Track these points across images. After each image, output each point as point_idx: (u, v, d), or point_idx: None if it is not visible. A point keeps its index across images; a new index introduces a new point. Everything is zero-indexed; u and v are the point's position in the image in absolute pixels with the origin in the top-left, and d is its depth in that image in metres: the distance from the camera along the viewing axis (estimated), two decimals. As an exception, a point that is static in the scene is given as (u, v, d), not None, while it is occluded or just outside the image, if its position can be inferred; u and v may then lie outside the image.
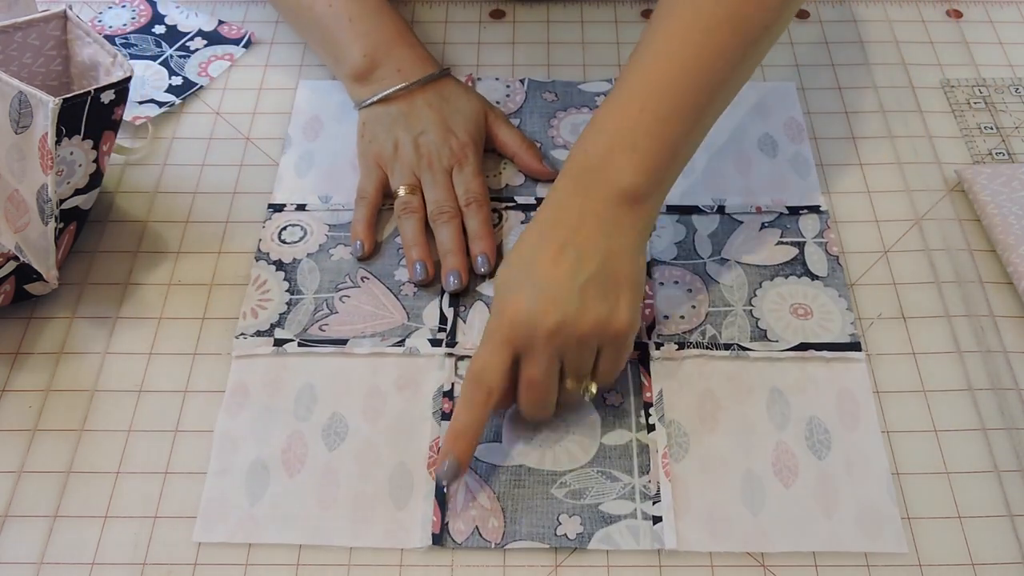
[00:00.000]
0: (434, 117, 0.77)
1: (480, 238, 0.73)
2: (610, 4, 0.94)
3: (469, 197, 0.75)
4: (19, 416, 0.66)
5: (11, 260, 0.66)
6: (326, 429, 0.65)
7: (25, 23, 0.71)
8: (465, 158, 0.76)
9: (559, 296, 0.59)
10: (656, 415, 0.65)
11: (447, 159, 0.76)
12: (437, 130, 0.77)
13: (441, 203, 0.74)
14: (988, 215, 0.75)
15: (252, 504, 0.62)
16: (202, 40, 0.91)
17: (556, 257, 0.61)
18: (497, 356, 0.60)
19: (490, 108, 0.81)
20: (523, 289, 0.60)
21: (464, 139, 0.77)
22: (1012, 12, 0.93)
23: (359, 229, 0.74)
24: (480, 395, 0.60)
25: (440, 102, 0.78)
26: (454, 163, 0.76)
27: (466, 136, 0.77)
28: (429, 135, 0.76)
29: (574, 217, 0.62)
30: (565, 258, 0.61)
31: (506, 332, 0.60)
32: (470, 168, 0.76)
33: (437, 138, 0.76)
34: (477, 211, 0.74)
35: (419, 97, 0.78)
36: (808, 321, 0.70)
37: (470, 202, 0.74)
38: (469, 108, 0.79)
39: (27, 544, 0.61)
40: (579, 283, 0.60)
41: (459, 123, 0.78)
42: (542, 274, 0.60)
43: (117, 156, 0.80)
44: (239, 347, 0.69)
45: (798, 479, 0.63)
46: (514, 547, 0.60)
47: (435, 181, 0.75)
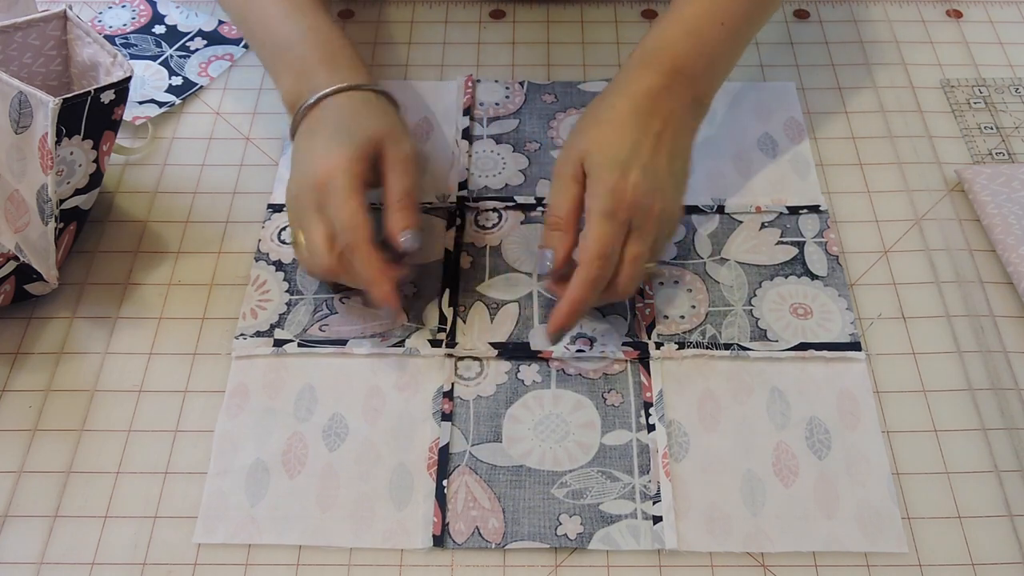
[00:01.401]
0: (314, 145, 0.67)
1: (372, 284, 0.64)
2: (610, 4, 0.94)
3: (342, 239, 0.64)
4: (19, 416, 0.66)
5: (11, 260, 0.66)
6: (326, 430, 0.65)
7: (25, 23, 0.71)
8: (328, 185, 0.64)
9: (664, 186, 0.66)
10: (656, 415, 0.65)
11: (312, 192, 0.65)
12: (310, 158, 0.67)
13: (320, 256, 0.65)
14: (988, 215, 0.75)
15: (252, 505, 0.62)
16: (202, 40, 0.91)
17: (656, 147, 0.66)
18: (618, 236, 0.64)
19: (393, 142, 0.68)
20: (635, 171, 0.65)
21: (332, 163, 0.65)
22: (1012, 12, 0.93)
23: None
24: (605, 272, 0.64)
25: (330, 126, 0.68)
26: (320, 194, 0.65)
27: (335, 159, 0.65)
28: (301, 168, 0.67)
29: (665, 113, 0.68)
30: (663, 150, 0.67)
31: (626, 213, 0.64)
32: (337, 198, 0.64)
33: (307, 168, 0.66)
34: (354, 252, 0.64)
35: (316, 124, 0.69)
36: (808, 321, 0.70)
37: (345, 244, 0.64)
38: (356, 130, 0.67)
39: (27, 544, 0.61)
40: (675, 178, 0.68)
41: (334, 145, 0.66)
42: (647, 161, 0.65)
43: (117, 156, 0.80)
44: (239, 348, 0.69)
45: (798, 479, 0.63)
46: (514, 547, 0.60)
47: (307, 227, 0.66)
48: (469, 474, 0.63)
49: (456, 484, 0.63)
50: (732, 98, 0.85)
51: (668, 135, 0.67)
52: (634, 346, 0.69)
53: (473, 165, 0.80)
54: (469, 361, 0.69)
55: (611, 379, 0.67)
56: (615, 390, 0.67)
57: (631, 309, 0.71)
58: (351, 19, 0.93)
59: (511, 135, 0.82)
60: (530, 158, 0.81)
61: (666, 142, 0.67)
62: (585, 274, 0.63)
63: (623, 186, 0.64)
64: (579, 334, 0.69)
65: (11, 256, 0.66)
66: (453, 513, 0.62)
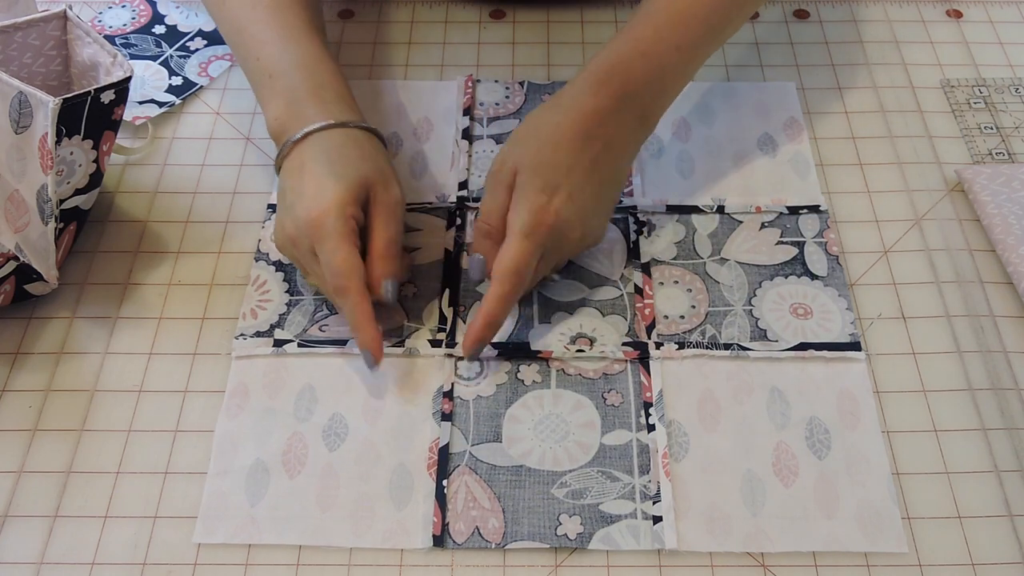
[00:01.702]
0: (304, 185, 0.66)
1: (356, 328, 0.64)
2: (610, 4, 0.94)
3: (332, 283, 0.64)
4: (19, 416, 0.66)
5: (11, 260, 0.66)
6: (326, 430, 0.65)
7: (25, 23, 0.71)
8: (322, 229, 0.64)
9: (588, 214, 0.68)
10: (656, 415, 0.65)
11: (306, 237, 0.65)
12: (300, 200, 0.66)
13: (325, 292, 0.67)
14: (988, 215, 0.75)
15: (252, 505, 0.62)
16: (202, 40, 0.91)
17: (590, 173, 0.67)
18: (534, 256, 0.65)
19: (382, 186, 0.67)
20: (560, 196, 0.66)
21: (324, 206, 0.64)
22: (1012, 12, 0.93)
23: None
24: (518, 289, 0.65)
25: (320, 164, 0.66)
26: (313, 238, 0.64)
27: (326, 202, 0.64)
28: (293, 209, 0.66)
29: (606, 135, 0.68)
30: (596, 176, 0.68)
31: (543, 236, 0.65)
32: (329, 243, 0.64)
33: (299, 211, 0.65)
34: (343, 299, 0.64)
35: (305, 160, 0.67)
36: (808, 321, 0.70)
37: (335, 289, 0.64)
38: (347, 172, 0.66)
39: (27, 544, 0.61)
40: (603, 203, 0.70)
41: (326, 188, 0.65)
42: (577, 187, 0.66)
43: (117, 156, 0.80)
44: (239, 348, 0.69)
45: (798, 479, 0.63)
46: (514, 547, 0.60)
47: (307, 271, 0.68)
48: (469, 474, 0.63)
49: (456, 484, 0.63)
50: (732, 98, 0.85)
51: (606, 159, 0.68)
52: (634, 346, 0.69)
53: (473, 165, 0.80)
54: (469, 361, 0.69)
55: (611, 379, 0.67)
56: (615, 390, 0.67)
57: (631, 309, 0.71)
58: (351, 19, 0.93)
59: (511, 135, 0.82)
60: (530, 158, 0.81)
61: (601, 167, 0.68)
62: (498, 290, 0.64)
63: (547, 210, 0.65)
64: (579, 334, 0.69)
65: (11, 256, 0.66)
66: (453, 513, 0.62)
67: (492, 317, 0.65)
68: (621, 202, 0.76)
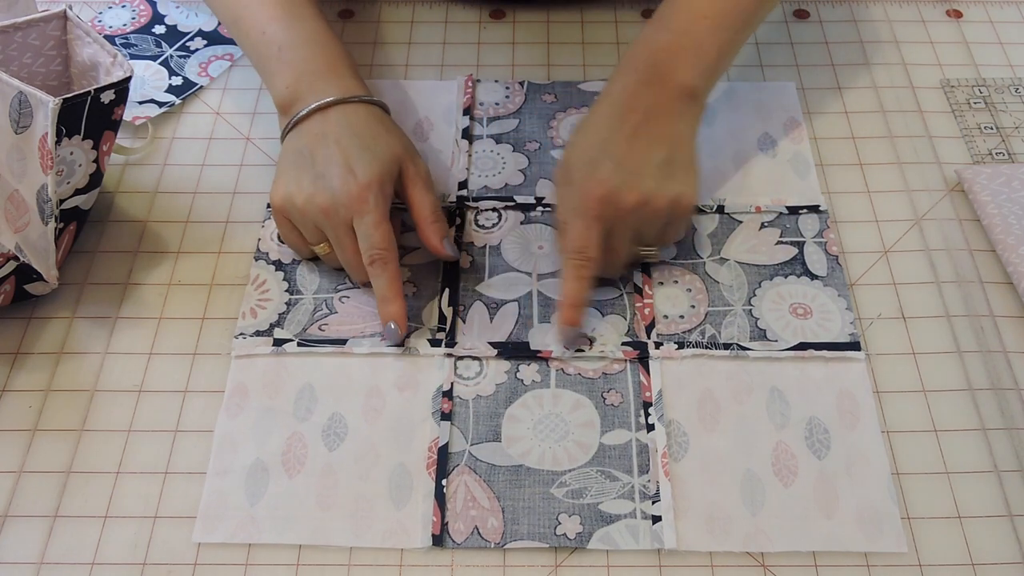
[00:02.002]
0: (337, 156, 0.68)
1: (386, 301, 0.67)
2: (610, 4, 0.94)
3: (372, 255, 0.67)
4: (19, 416, 0.66)
5: (11, 260, 0.66)
6: (326, 429, 0.65)
7: (25, 23, 0.71)
8: (365, 204, 0.67)
9: (640, 176, 0.67)
10: (656, 415, 0.65)
11: (345, 208, 0.67)
12: (337, 173, 0.68)
13: (349, 262, 0.69)
14: (988, 215, 0.75)
15: (252, 505, 0.62)
16: (202, 40, 0.91)
17: (631, 140, 0.68)
18: (593, 231, 0.66)
19: (411, 161, 0.71)
20: (605, 167, 0.67)
21: (364, 181, 0.67)
22: (1012, 12, 0.93)
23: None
24: (586, 268, 0.67)
25: (350, 137, 0.69)
26: (352, 213, 0.67)
27: (367, 178, 0.67)
28: (328, 179, 0.68)
29: (643, 106, 0.69)
30: (639, 142, 0.68)
31: (596, 209, 0.66)
32: (371, 217, 0.67)
33: (336, 183, 0.67)
34: (381, 270, 0.67)
35: (331, 127, 0.70)
36: (807, 321, 0.70)
37: (373, 260, 0.67)
38: (381, 149, 0.69)
39: (27, 544, 0.61)
40: (655, 164, 0.68)
41: (364, 164, 0.68)
42: (621, 155, 0.68)
43: (117, 156, 0.80)
44: (238, 347, 0.69)
45: (798, 479, 0.63)
46: (513, 547, 0.60)
47: (338, 241, 0.69)
48: (468, 473, 0.63)
49: (455, 484, 0.63)
50: (732, 98, 0.85)
51: (647, 126, 0.69)
52: (634, 346, 0.69)
53: (473, 165, 0.80)
54: (468, 361, 0.69)
55: (610, 379, 0.67)
56: (614, 390, 0.67)
57: (631, 308, 0.71)
58: (351, 19, 0.93)
59: (511, 135, 0.83)
60: (530, 158, 0.81)
61: (644, 133, 0.69)
62: (568, 269, 0.67)
63: (591, 183, 0.67)
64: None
65: (11, 256, 0.66)
66: (452, 512, 0.62)
67: (570, 298, 0.67)
68: None
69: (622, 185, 0.67)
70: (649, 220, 0.68)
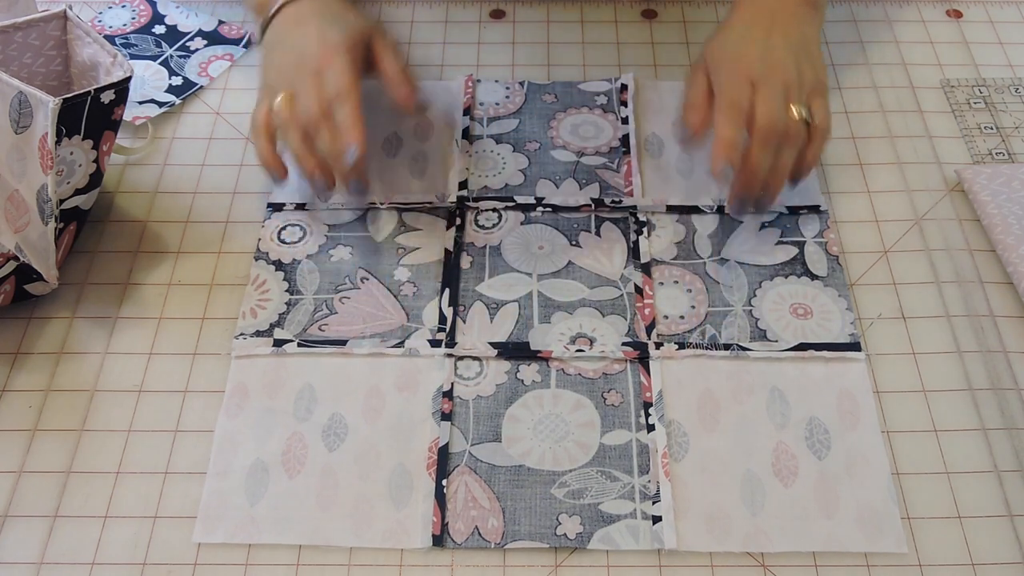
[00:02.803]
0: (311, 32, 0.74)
1: (347, 129, 0.70)
2: (610, 4, 0.94)
3: (336, 91, 0.71)
4: (19, 416, 0.66)
5: (11, 260, 0.66)
6: (326, 430, 0.65)
7: (25, 23, 0.71)
8: (332, 60, 0.72)
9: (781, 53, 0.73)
10: (656, 415, 0.65)
11: (313, 61, 0.72)
12: (311, 42, 0.73)
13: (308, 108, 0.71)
14: (988, 215, 0.75)
15: (252, 505, 0.62)
16: (202, 40, 0.91)
17: (768, 31, 0.75)
18: (744, 88, 0.71)
19: (380, 34, 0.77)
20: (749, 51, 0.73)
21: (333, 43, 0.73)
22: (1012, 12, 0.93)
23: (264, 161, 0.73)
24: (741, 115, 0.71)
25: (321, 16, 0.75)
26: (322, 66, 0.72)
27: (336, 41, 0.73)
28: (302, 47, 0.73)
29: (771, 12, 0.76)
30: (776, 33, 0.75)
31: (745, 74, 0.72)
32: (337, 66, 0.72)
33: (310, 48, 0.73)
34: (342, 104, 0.70)
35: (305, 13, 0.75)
36: (808, 321, 0.70)
37: (336, 95, 0.71)
38: (350, 21, 0.75)
39: (27, 544, 0.61)
40: (794, 50, 0.74)
41: (334, 31, 0.74)
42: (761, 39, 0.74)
43: (117, 156, 0.80)
44: (238, 347, 0.69)
45: (798, 479, 0.63)
46: (514, 547, 0.60)
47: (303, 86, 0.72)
48: (468, 474, 0.63)
49: (455, 484, 0.63)
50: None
51: (779, 25, 0.75)
52: (634, 346, 0.69)
53: (473, 165, 0.80)
54: (469, 361, 0.69)
55: (611, 379, 0.67)
56: (615, 390, 0.67)
57: (631, 309, 0.71)
58: (351, 19, 0.93)
59: (511, 135, 0.83)
60: (530, 158, 0.81)
61: (777, 28, 0.75)
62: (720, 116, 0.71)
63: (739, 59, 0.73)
64: (579, 334, 0.69)
65: (11, 256, 0.66)
66: (452, 513, 0.62)
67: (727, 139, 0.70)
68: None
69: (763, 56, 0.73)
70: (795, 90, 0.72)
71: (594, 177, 0.79)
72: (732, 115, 0.71)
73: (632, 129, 0.82)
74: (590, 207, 0.77)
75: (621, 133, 0.82)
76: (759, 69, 0.72)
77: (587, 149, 0.81)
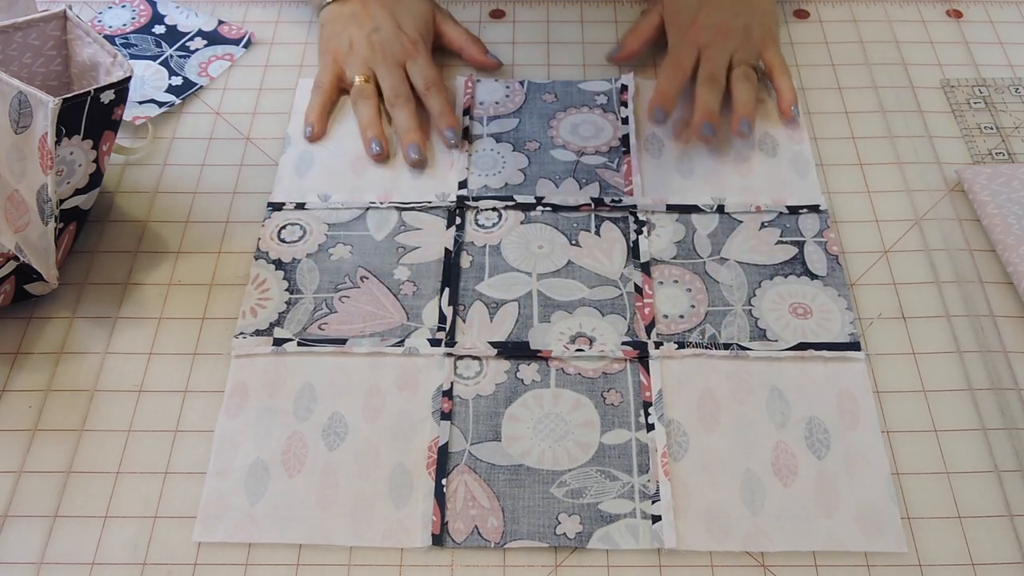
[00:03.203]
0: (385, 16, 0.85)
1: (444, 115, 0.82)
2: (610, 4, 0.94)
3: (428, 82, 0.83)
4: (19, 416, 0.66)
5: (11, 260, 0.66)
6: (326, 429, 0.65)
7: (25, 23, 0.71)
8: (416, 52, 0.84)
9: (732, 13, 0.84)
10: (655, 414, 0.65)
11: (399, 53, 0.84)
12: (389, 27, 0.85)
13: (396, 88, 0.83)
14: (988, 215, 0.75)
15: (252, 504, 0.62)
16: (202, 40, 0.91)
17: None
18: (688, 52, 0.83)
19: (438, 8, 0.89)
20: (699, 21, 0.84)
21: (414, 35, 0.85)
22: (1012, 12, 0.93)
23: (311, 115, 0.83)
24: (679, 72, 0.82)
25: (391, 2, 0.86)
26: (406, 57, 0.84)
27: (415, 33, 0.85)
28: (381, 32, 0.84)
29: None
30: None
31: (694, 38, 0.83)
32: (423, 60, 0.84)
33: (389, 34, 0.84)
34: (437, 93, 0.82)
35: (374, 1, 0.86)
36: (807, 321, 0.70)
37: (429, 86, 0.83)
38: (418, 8, 0.87)
39: (27, 544, 0.61)
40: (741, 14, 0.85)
41: (409, 22, 0.86)
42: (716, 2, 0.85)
43: (117, 156, 0.80)
44: (238, 346, 0.69)
45: (798, 479, 0.63)
46: (513, 546, 0.60)
47: (389, 71, 0.83)
48: (468, 473, 0.63)
49: (455, 483, 0.63)
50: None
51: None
52: (633, 345, 0.69)
53: (473, 164, 0.80)
54: (468, 360, 0.69)
55: (610, 378, 0.67)
56: (614, 389, 0.67)
57: (630, 308, 0.71)
58: (351, 19, 0.93)
59: (511, 134, 0.83)
60: (530, 157, 0.81)
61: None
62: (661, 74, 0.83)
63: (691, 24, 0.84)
64: (578, 333, 0.69)
65: (11, 256, 0.66)
66: (452, 512, 0.62)
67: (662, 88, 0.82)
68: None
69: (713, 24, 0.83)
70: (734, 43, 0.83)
71: (594, 176, 0.79)
72: (673, 73, 0.82)
73: (632, 129, 0.82)
74: (590, 206, 0.77)
75: (621, 133, 0.82)
76: (706, 36, 0.83)
77: (587, 149, 0.81)
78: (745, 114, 0.80)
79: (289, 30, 0.92)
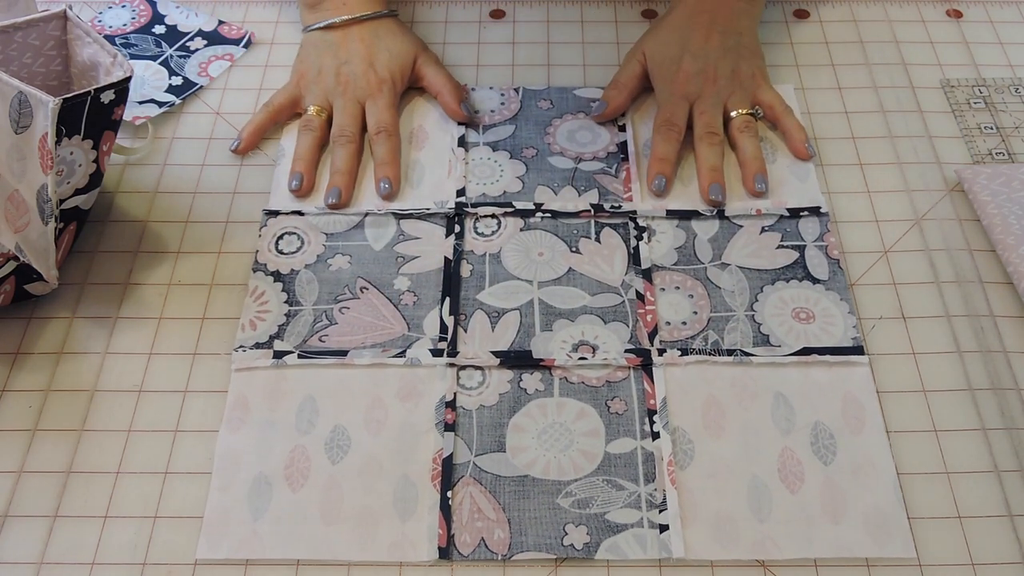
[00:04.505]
0: (362, 51, 0.83)
1: (385, 164, 0.79)
2: (610, 4, 0.94)
3: (379, 127, 0.80)
4: (19, 416, 0.66)
5: (11, 260, 0.66)
6: (328, 442, 0.65)
7: (25, 23, 0.70)
8: (380, 93, 0.82)
9: (718, 62, 0.82)
10: (660, 422, 0.65)
11: (362, 90, 0.82)
12: (360, 63, 0.83)
13: (344, 127, 0.80)
14: (988, 215, 0.75)
15: (256, 519, 0.61)
16: (202, 40, 0.90)
17: (707, 35, 0.83)
18: (680, 107, 0.81)
19: (422, 51, 0.86)
20: (686, 60, 0.82)
21: (384, 75, 0.83)
22: (1012, 12, 0.93)
23: (244, 129, 0.82)
24: (674, 132, 0.80)
25: (372, 38, 0.84)
26: (367, 96, 0.82)
27: (386, 72, 0.83)
28: (352, 65, 0.83)
29: (710, 8, 0.84)
30: (714, 35, 0.83)
31: (682, 90, 0.81)
32: (383, 101, 0.82)
33: (358, 70, 0.82)
34: (386, 140, 0.80)
35: (355, 31, 0.84)
36: (810, 325, 0.70)
37: (380, 131, 0.80)
38: (398, 48, 0.84)
39: (27, 544, 0.61)
40: (732, 50, 0.83)
41: (383, 60, 0.83)
42: (698, 49, 0.82)
43: (117, 156, 0.79)
44: (238, 360, 0.68)
45: (804, 485, 0.63)
46: (521, 559, 0.60)
47: (344, 107, 0.81)
48: (473, 485, 0.63)
49: (461, 495, 0.62)
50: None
51: (718, 22, 0.83)
52: (637, 353, 0.68)
53: (470, 172, 0.80)
54: (471, 370, 0.68)
55: (614, 387, 0.67)
56: (618, 398, 0.67)
57: (633, 316, 0.71)
58: (351, 18, 0.93)
59: (507, 141, 0.82)
60: (527, 164, 0.80)
61: (716, 28, 0.83)
62: (658, 135, 0.80)
63: (676, 74, 0.82)
64: (581, 342, 0.69)
65: (11, 256, 0.66)
66: (458, 524, 0.61)
67: (659, 153, 0.79)
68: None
69: (702, 71, 0.81)
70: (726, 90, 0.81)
71: (593, 183, 0.79)
72: (667, 133, 0.79)
73: (630, 135, 0.82)
74: (589, 213, 0.77)
75: (618, 139, 0.82)
76: (695, 86, 0.81)
77: (584, 155, 0.81)
78: (757, 170, 0.78)
79: (289, 30, 0.91)
